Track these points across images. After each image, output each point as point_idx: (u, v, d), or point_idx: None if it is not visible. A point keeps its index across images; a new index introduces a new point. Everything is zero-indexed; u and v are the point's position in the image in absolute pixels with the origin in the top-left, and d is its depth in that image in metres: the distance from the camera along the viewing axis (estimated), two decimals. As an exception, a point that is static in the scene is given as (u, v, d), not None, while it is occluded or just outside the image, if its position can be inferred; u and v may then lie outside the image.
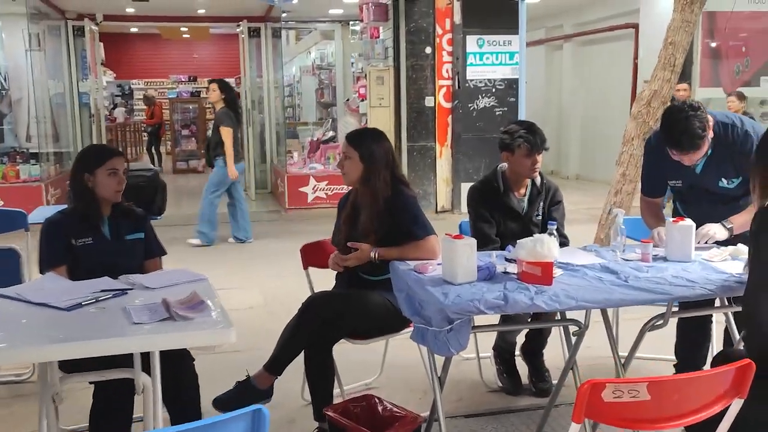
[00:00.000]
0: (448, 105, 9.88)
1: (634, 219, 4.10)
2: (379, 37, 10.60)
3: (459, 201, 9.82)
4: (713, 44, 10.61)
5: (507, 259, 3.13)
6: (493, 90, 9.79)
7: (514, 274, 2.85)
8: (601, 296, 2.59)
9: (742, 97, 8.69)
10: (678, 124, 3.04)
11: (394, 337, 3.46)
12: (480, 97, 9.76)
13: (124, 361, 2.44)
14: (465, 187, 9.77)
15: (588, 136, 13.46)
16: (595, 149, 13.04)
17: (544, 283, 2.70)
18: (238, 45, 12.95)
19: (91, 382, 2.78)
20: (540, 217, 3.71)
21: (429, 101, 9.79)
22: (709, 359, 3.73)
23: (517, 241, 2.84)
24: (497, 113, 9.78)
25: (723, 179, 3.25)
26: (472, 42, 9.70)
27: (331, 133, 11.43)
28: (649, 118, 6.21)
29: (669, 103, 6.29)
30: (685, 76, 9.08)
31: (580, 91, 13.70)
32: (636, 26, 11.58)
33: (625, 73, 11.86)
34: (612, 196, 6.38)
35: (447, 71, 9.84)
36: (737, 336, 3.25)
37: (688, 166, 3.26)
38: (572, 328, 2.89)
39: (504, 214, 3.67)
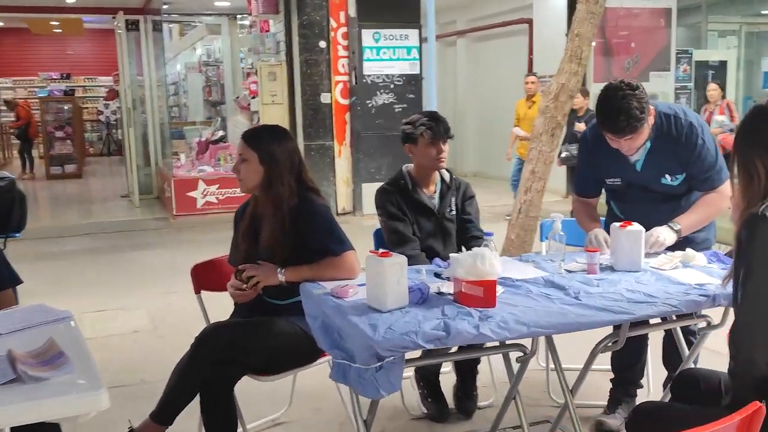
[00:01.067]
0: (345, 102, 9.43)
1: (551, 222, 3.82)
2: (269, 30, 10.02)
3: (360, 202, 9.40)
4: (604, 40, 10.68)
5: (437, 275, 2.71)
6: (392, 86, 9.42)
7: (449, 294, 2.43)
8: (554, 320, 2.21)
9: (586, 93, 8.57)
10: (614, 102, 2.73)
11: (307, 369, 2.96)
12: (378, 93, 9.37)
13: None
14: (366, 188, 9.35)
15: (485, 133, 13.36)
16: (493, 146, 12.94)
17: (487, 305, 2.29)
18: (115, 40, 11.98)
19: None
20: (454, 213, 3.39)
21: (325, 98, 9.31)
22: (650, 372, 3.47)
23: (452, 255, 2.42)
24: (397, 110, 9.42)
25: (666, 176, 2.96)
26: (368, 36, 9.29)
27: (220, 133, 10.73)
28: (557, 113, 5.98)
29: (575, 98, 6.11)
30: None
31: (476, 87, 13.59)
32: (530, 21, 11.55)
33: (520, 69, 11.79)
34: (522, 194, 6.12)
35: (343, 66, 9.39)
36: (686, 351, 2.97)
37: (627, 163, 2.95)
38: (515, 354, 2.50)
39: (416, 212, 3.33)
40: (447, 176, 3.38)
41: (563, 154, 8.45)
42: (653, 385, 3.50)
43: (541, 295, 2.44)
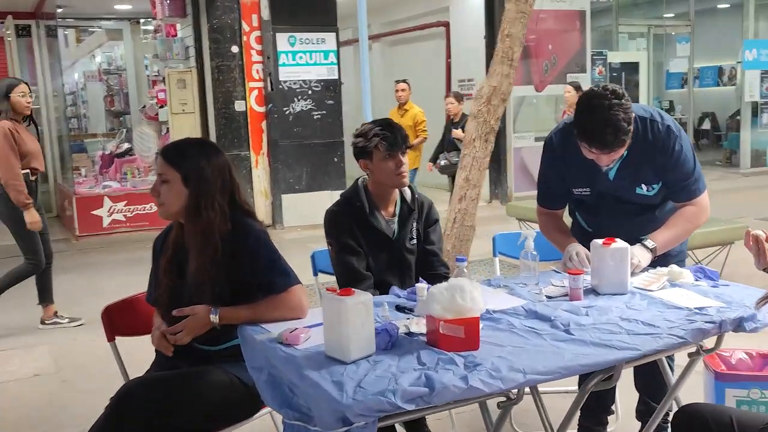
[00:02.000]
0: (261, 109, 8.93)
1: (506, 234, 3.51)
2: (176, 35, 9.42)
3: (281, 215, 8.92)
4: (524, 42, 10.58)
5: (399, 308, 2.33)
6: (310, 92, 9.00)
7: (420, 334, 2.06)
8: (551, 363, 1.86)
9: (459, 98, 8.36)
10: (601, 113, 2.39)
11: (247, 423, 2.51)
12: (296, 99, 8.92)
13: None
14: (287, 200, 8.89)
15: (403, 139, 13.08)
16: (412, 151, 12.71)
17: (470, 348, 1.93)
18: (4, 47, 11.01)
19: None
20: (415, 242, 2.95)
21: (239, 105, 8.78)
22: (616, 396, 3.19)
23: (425, 288, 2.05)
24: (316, 117, 9.01)
25: (642, 185, 2.66)
26: (282, 40, 8.84)
27: (126, 145, 10.01)
28: (489, 117, 5.71)
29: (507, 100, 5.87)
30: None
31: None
32: (447, 24, 11.36)
33: (439, 73, 11.60)
34: (456, 203, 5.82)
35: (257, 72, 8.90)
36: (670, 376, 2.69)
37: (597, 172, 2.65)
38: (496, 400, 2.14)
39: (371, 240, 2.86)
40: (408, 195, 2.93)
41: (442, 162, 8.26)
42: (621, 411, 3.22)
43: (527, 329, 2.09)
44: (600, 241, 2.41)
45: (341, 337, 1.89)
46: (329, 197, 9.20)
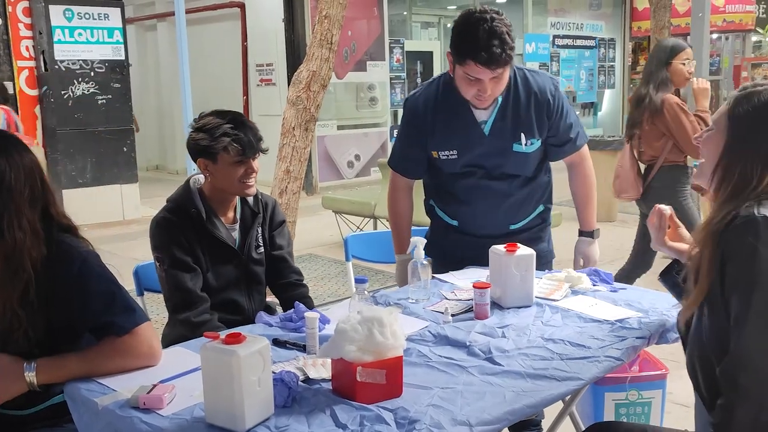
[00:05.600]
0: (33, 92, 7.73)
1: (367, 234, 3.16)
2: None
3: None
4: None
5: (279, 342, 1.87)
6: (92, 74, 7.96)
7: (323, 381, 1.62)
8: (496, 408, 1.51)
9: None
10: (484, 26, 2.23)
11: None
12: (76, 82, 7.85)
13: None
14: (69, 195, 7.80)
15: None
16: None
17: (392, 395, 1.54)
18: None
19: None
20: (262, 250, 2.49)
21: (8, 87, 7.52)
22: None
23: (315, 318, 1.61)
24: (100, 101, 8.00)
25: (521, 137, 2.45)
26: (57, 13, 7.72)
27: None
28: (310, 104, 5.30)
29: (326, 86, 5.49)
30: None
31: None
32: (242, 5, 10.71)
33: (235, 57, 10.93)
34: (277, 197, 5.36)
35: (27, 50, 7.68)
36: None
37: (472, 128, 2.44)
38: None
39: (211, 253, 2.36)
40: (251, 195, 2.45)
41: None
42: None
43: (445, 362, 1.74)
44: (502, 248, 2.12)
45: (231, 401, 1.40)
46: (120, 192, 8.26)
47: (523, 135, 2.45)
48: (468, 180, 2.52)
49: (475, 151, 2.47)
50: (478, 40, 2.22)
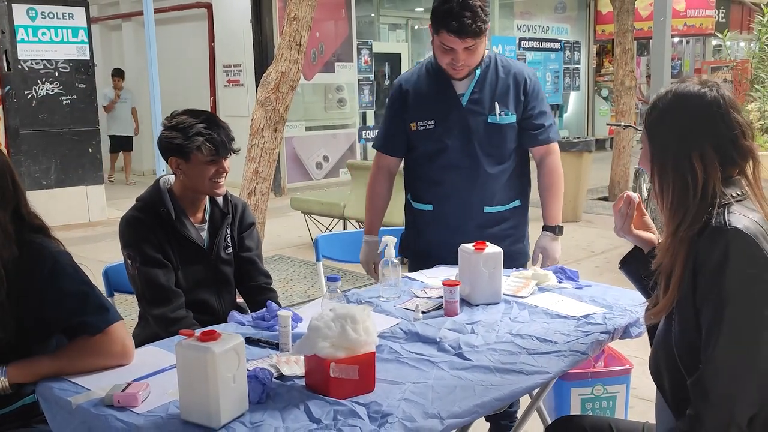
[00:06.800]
0: (-4, 92, 7.62)
1: (337, 234, 3.18)
2: None
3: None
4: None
5: (252, 341, 1.89)
6: (57, 74, 7.86)
7: (296, 377, 1.65)
8: (466, 401, 1.55)
9: None
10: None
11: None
12: (40, 82, 7.74)
13: None
14: (33, 197, 7.63)
15: (162, 128, 12.11)
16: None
17: (364, 390, 1.57)
18: None
19: None
20: (231, 251, 2.51)
21: (-32, 87, 7.41)
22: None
23: (287, 316, 1.64)
24: (65, 102, 7.91)
25: (496, 107, 2.58)
26: (20, 12, 7.61)
27: None
28: (278, 105, 5.31)
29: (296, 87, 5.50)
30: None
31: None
32: (209, 6, 10.66)
33: (202, 58, 10.87)
34: (245, 198, 5.36)
35: (-11, 49, 7.57)
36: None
37: (449, 96, 2.58)
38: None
39: (181, 252, 2.38)
40: (220, 197, 2.47)
41: None
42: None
43: (416, 357, 1.77)
44: (471, 246, 2.16)
45: (207, 398, 1.42)
46: (85, 193, 8.16)
47: (497, 104, 2.58)
48: (441, 158, 2.62)
49: (451, 121, 2.59)
50: (451, 10, 2.39)
